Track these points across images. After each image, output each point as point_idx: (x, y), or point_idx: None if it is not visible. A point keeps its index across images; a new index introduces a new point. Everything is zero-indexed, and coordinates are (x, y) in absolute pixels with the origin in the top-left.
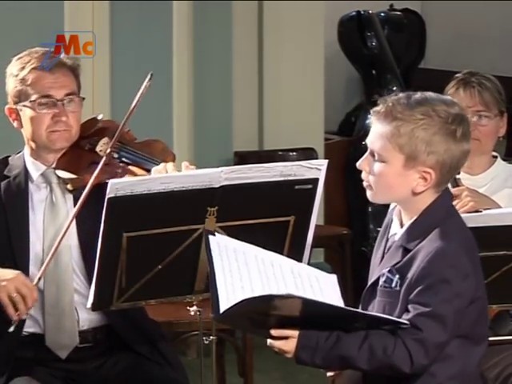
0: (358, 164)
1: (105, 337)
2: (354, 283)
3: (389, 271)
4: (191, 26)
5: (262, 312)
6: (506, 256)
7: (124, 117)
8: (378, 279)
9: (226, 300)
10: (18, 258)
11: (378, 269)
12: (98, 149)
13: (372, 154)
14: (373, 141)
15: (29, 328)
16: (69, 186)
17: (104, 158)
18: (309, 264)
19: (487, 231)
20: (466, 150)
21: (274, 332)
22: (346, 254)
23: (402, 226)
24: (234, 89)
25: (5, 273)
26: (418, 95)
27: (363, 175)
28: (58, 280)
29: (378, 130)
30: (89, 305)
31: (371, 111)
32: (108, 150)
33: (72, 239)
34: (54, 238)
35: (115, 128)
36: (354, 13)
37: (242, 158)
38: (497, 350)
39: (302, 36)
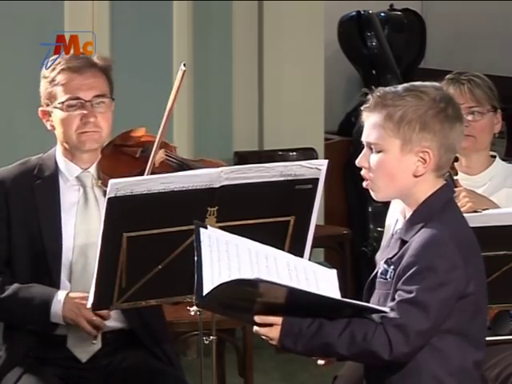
0: (357, 161)
1: (114, 337)
2: (354, 283)
3: (385, 262)
4: (191, 26)
5: (244, 298)
6: (506, 256)
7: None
8: (377, 274)
9: (211, 285)
10: (50, 261)
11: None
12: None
13: (369, 148)
14: (367, 134)
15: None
16: None
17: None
18: None
19: (487, 231)
20: (458, 130)
21: (257, 319)
22: (346, 254)
23: (405, 218)
24: (233, 89)
25: (76, 298)
26: (405, 84)
27: (363, 172)
28: (85, 285)
29: (370, 121)
30: (89, 305)
31: (361, 109)
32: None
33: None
34: (84, 241)
35: (161, 142)
36: (354, 13)
37: (242, 158)
38: (497, 350)
39: (301, 36)
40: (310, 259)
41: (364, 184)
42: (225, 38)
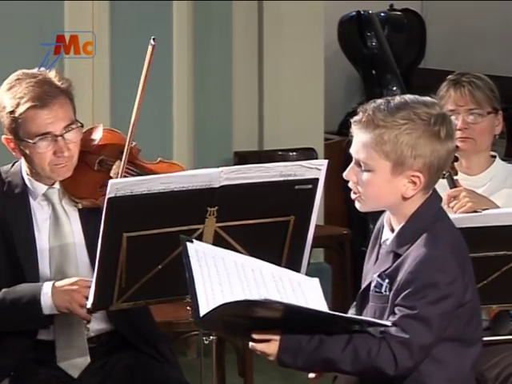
0: (344, 175)
1: (108, 338)
2: (354, 283)
3: (379, 276)
4: (191, 26)
5: (242, 316)
6: (506, 256)
7: (130, 119)
8: (370, 284)
9: (206, 304)
10: (28, 278)
11: (370, 274)
12: (112, 172)
13: (358, 164)
14: (357, 150)
15: (38, 335)
16: (79, 205)
17: None
18: (309, 264)
19: (487, 231)
20: (451, 149)
21: (255, 335)
22: (346, 254)
23: (392, 231)
24: (233, 89)
25: (65, 285)
26: (397, 100)
27: (351, 185)
28: None
29: (361, 139)
30: (89, 305)
31: (351, 121)
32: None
33: (79, 252)
34: (59, 256)
35: (119, 142)
36: (354, 13)
37: (242, 158)
38: (497, 350)
39: (302, 36)
40: (309, 259)
41: (352, 196)
42: (225, 38)
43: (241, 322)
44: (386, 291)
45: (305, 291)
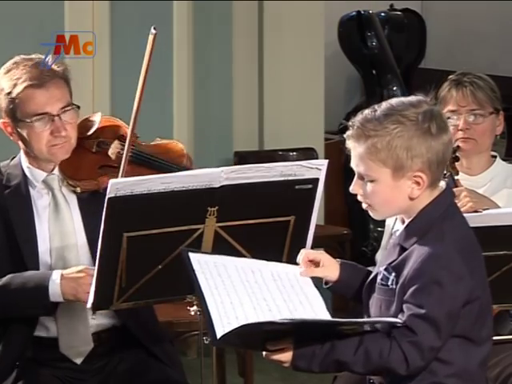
0: (350, 189)
1: (108, 336)
2: None
3: (385, 269)
4: (191, 26)
5: (256, 332)
6: (506, 256)
7: (131, 115)
8: (377, 276)
9: (220, 322)
10: (29, 267)
11: (378, 266)
12: (110, 152)
13: (360, 177)
14: (357, 164)
15: (38, 332)
16: (78, 189)
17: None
18: None
19: (487, 231)
20: (446, 141)
21: (270, 347)
22: (346, 254)
23: (403, 223)
24: (233, 89)
25: (72, 273)
26: (384, 106)
27: (359, 198)
28: None
29: (357, 152)
30: (89, 305)
31: (345, 136)
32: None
33: (79, 238)
34: (60, 244)
35: (117, 127)
36: (354, 13)
37: (242, 158)
38: (497, 350)
39: (302, 36)
40: None
41: (363, 206)
42: (225, 38)
43: (255, 337)
44: (392, 284)
45: (302, 285)
